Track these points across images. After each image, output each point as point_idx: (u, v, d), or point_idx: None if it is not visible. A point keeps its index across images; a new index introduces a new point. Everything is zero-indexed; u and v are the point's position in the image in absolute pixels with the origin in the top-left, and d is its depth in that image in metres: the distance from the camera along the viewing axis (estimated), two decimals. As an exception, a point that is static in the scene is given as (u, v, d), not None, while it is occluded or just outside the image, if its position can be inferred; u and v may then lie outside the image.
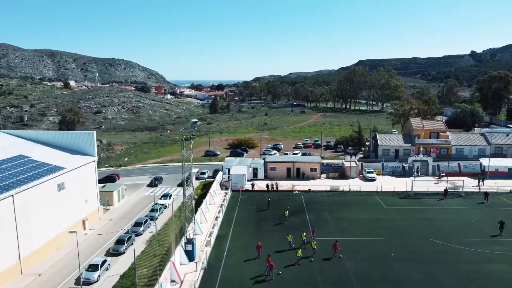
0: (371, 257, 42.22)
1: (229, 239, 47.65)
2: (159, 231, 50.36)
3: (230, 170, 72.49)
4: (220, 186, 70.08)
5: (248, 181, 72.33)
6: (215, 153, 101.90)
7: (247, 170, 73.80)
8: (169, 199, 62.80)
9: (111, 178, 75.05)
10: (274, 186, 68.88)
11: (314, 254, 42.05)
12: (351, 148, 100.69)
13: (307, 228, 50.15)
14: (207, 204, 57.58)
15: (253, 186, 69.07)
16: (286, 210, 53.53)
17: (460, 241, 46.27)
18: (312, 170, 77.18)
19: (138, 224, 51.55)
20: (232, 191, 67.10)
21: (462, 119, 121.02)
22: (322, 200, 62.61)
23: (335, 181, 73.72)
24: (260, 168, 76.12)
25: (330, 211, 57.43)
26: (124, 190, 66.69)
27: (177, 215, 55.95)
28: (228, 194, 64.94)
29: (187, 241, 41.47)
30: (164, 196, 64.14)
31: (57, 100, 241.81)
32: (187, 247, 41.22)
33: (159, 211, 57.56)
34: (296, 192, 67.85)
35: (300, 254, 40.93)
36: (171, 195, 65.03)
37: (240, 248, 44.92)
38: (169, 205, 60.77)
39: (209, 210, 56.70)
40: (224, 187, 69.55)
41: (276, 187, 68.90)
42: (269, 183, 69.74)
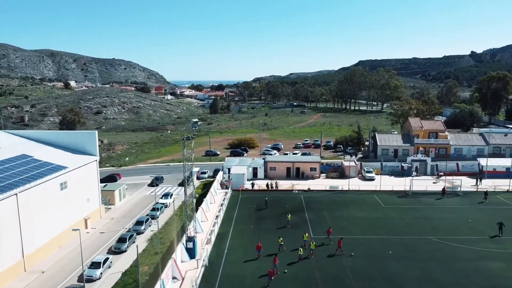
0: (369, 255, 42.83)
1: (229, 237, 48.31)
2: (160, 230, 50.91)
3: (230, 170, 73.06)
4: (221, 185, 70.67)
5: (248, 180, 72.95)
6: (215, 153, 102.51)
7: (247, 170, 74.44)
8: (170, 199, 63.41)
9: (112, 178, 75.66)
10: (274, 185, 69.54)
11: (312, 255, 42.24)
12: (350, 148, 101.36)
13: (307, 226, 50.79)
14: (207, 203, 58.22)
15: (253, 185, 69.69)
16: (288, 214, 53.12)
17: (457, 239, 46.90)
18: (311, 169, 77.80)
19: (139, 223, 52.09)
20: (233, 191, 67.72)
21: (461, 119, 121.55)
22: (322, 199, 63.22)
23: (334, 180, 74.34)
24: (260, 167, 76.76)
25: (329, 210, 58.07)
26: (125, 190, 67.27)
27: (178, 214, 56.59)
28: (229, 194, 65.59)
29: (188, 239, 42.09)
30: (165, 196, 64.74)
31: (57, 101, 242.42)
32: (188, 244, 41.87)
33: (160, 210, 58.09)
34: (296, 191, 68.45)
35: (302, 253, 41.52)
36: (171, 195, 65.64)
37: (240, 246, 45.57)
38: (170, 204, 61.40)
39: (209, 209, 57.31)
40: (224, 186, 70.14)
41: (276, 186, 69.53)
42: (269, 182, 70.34)
